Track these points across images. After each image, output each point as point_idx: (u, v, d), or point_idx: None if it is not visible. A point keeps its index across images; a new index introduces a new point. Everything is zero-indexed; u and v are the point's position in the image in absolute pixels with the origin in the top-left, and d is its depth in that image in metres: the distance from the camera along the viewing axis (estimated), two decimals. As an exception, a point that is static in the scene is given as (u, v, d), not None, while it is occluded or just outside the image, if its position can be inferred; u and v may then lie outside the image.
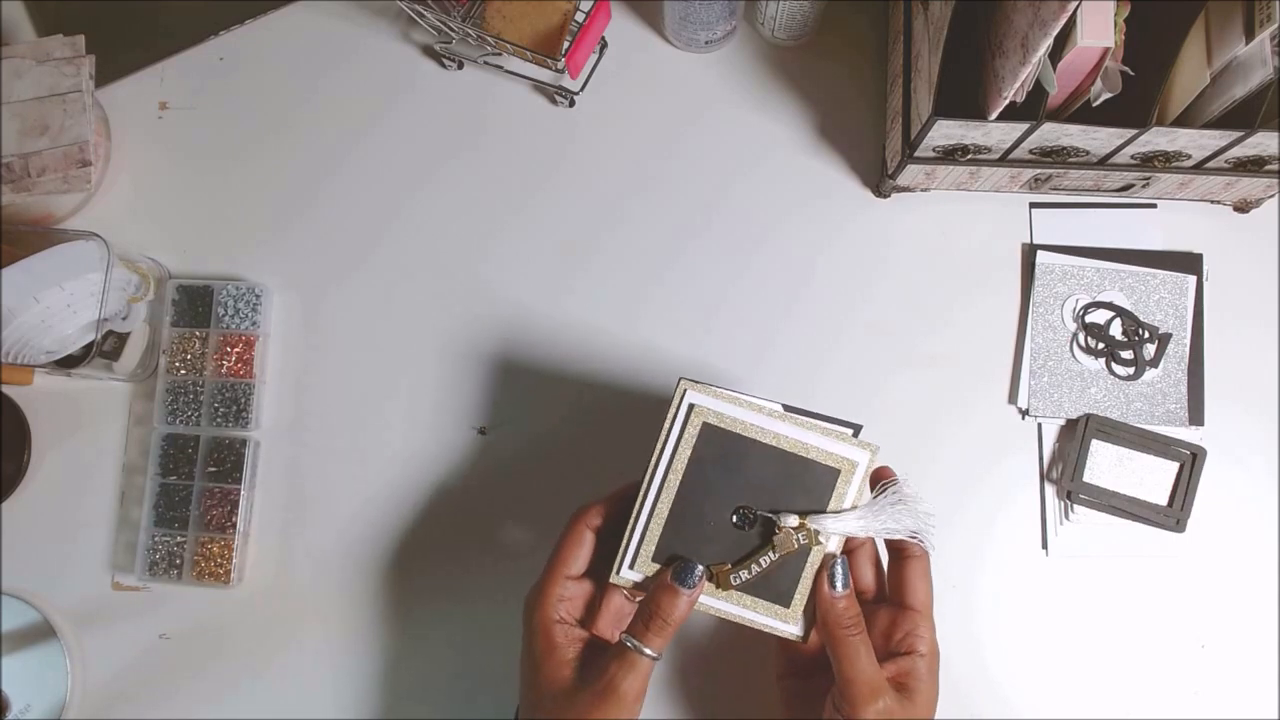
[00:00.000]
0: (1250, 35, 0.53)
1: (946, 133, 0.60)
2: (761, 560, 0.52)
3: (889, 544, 0.56)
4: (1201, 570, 0.67)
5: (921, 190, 0.70)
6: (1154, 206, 0.70)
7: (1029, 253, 0.70)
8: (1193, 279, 0.69)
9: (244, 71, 0.75)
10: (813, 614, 0.53)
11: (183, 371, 0.70)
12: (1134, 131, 0.58)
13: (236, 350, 0.70)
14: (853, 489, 0.53)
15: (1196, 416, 0.68)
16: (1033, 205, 0.71)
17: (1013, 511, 0.68)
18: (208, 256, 0.73)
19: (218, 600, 0.69)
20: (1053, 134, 0.59)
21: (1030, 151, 0.62)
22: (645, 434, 0.54)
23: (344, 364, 0.71)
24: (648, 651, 0.50)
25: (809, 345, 0.70)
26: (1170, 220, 0.70)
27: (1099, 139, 0.59)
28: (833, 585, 0.52)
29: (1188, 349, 0.68)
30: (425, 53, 0.75)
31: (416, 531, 0.69)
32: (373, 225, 0.73)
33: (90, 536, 0.70)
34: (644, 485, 0.53)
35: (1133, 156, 0.62)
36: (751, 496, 0.53)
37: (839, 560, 0.52)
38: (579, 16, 0.68)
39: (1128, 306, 0.69)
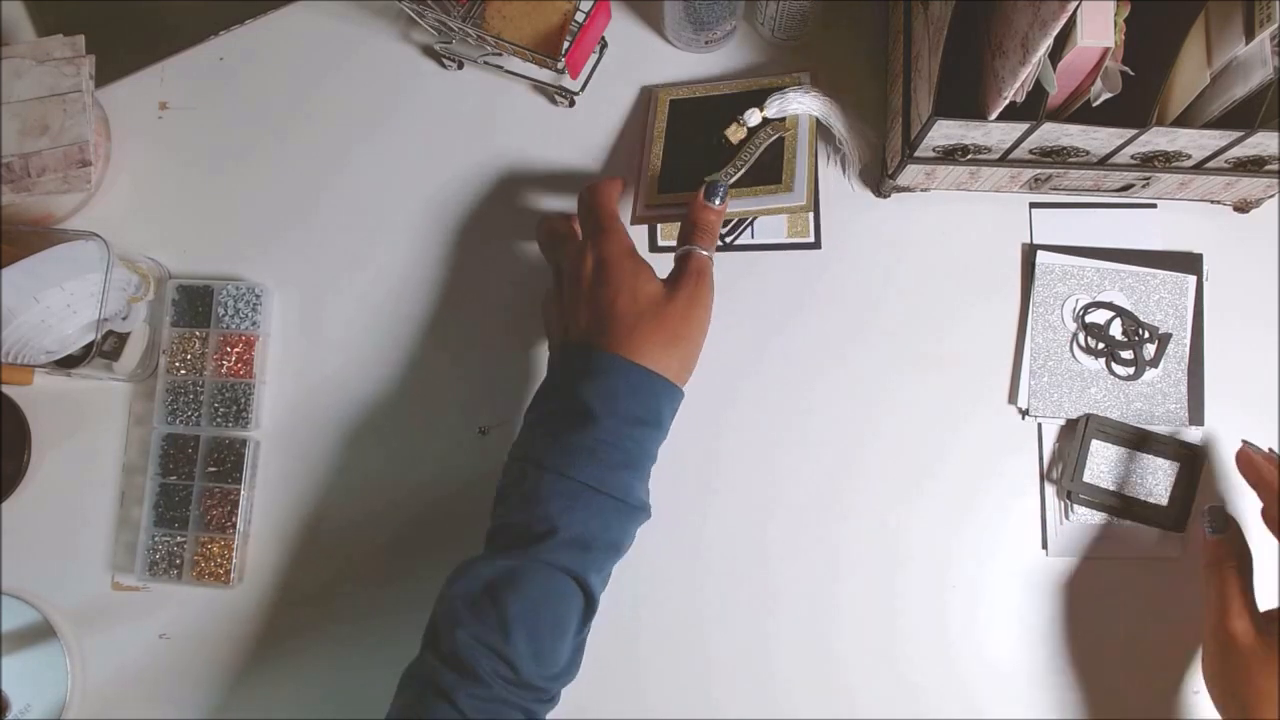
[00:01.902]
0: (1250, 35, 0.53)
1: (946, 133, 0.60)
2: (744, 155, 0.65)
3: None
4: (1201, 570, 0.67)
5: (921, 190, 0.70)
6: (1154, 206, 0.70)
7: (1029, 253, 0.70)
8: (1193, 279, 0.69)
9: (244, 71, 0.75)
10: (814, 187, 0.65)
11: (183, 371, 0.70)
12: (1134, 131, 0.58)
13: (236, 350, 0.70)
14: (800, 92, 0.66)
15: (1196, 416, 0.68)
16: (1033, 205, 0.71)
17: (1013, 511, 0.68)
18: (208, 256, 0.73)
19: (218, 600, 0.69)
20: (1053, 134, 0.59)
21: (1030, 151, 0.62)
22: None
23: (344, 364, 0.71)
24: (702, 250, 0.61)
25: (809, 345, 0.70)
26: (1170, 220, 0.70)
27: (1099, 139, 0.59)
28: None
29: (1188, 349, 0.68)
30: (425, 53, 0.74)
31: (417, 531, 0.69)
32: (373, 224, 0.73)
33: (90, 536, 0.70)
34: (643, 150, 0.69)
35: (1133, 156, 0.62)
36: (722, 125, 0.67)
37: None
38: (579, 16, 0.68)
39: (1128, 306, 0.69)
